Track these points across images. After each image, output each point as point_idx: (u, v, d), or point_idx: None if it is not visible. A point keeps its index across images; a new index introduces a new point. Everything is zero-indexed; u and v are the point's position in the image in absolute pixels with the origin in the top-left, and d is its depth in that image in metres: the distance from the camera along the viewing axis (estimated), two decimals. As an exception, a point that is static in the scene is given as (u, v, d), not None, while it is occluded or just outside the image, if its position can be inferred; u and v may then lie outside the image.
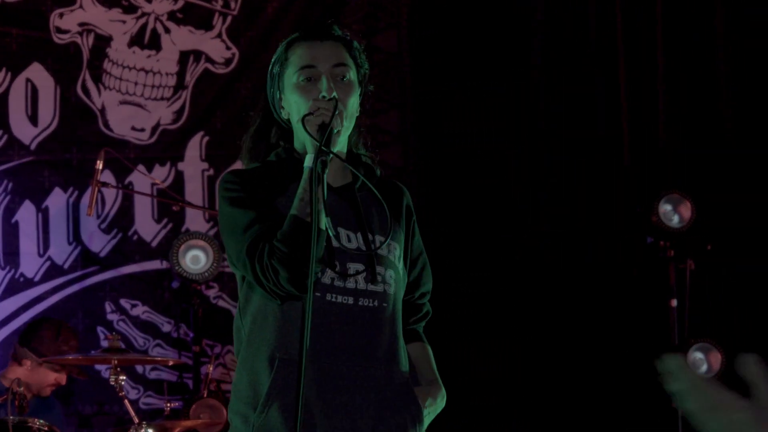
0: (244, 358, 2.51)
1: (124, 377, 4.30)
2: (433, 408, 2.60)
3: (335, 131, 2.42)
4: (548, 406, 5.62)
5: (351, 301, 2.47)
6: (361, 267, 2.47)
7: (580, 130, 5.81)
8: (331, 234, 2.43)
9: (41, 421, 4.29)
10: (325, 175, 2.39)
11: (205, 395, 5.07)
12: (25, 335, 5.05)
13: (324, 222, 2.38)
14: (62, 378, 4.97)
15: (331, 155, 2.40)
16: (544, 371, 5.68)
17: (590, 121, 5.84)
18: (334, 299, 2.45)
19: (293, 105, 2.51)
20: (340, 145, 2.52)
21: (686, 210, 5.27)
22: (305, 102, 2.47)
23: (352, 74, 2.53)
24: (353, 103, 2.51)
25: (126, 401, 4.36)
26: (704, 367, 5.20)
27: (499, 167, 5.87)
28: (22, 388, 4.21)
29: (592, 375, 5.58)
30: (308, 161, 2.40)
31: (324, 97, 2.45)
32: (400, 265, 2.56)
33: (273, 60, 2.59)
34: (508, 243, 5.78)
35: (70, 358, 4.75)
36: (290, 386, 2.39)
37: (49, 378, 4.93)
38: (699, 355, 5.20)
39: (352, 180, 2.57)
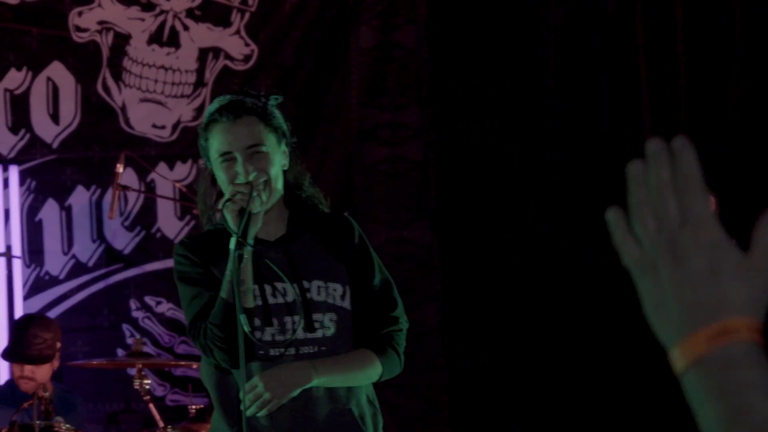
0: (215, 411, 2.80)
1: (149, 381, 4.33)
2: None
3: (255, 212, 2.64)
4: (560, 406, 5.68)
5: (293, 351, 2.67)
6: (297, 318, 2.67)
7: (603, 127, 5.84)
8: (244, 322, 2.61)
9: (68, 425, 4.33)
10: (248, 254, 2.62)
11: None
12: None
13: (250, 301, 2.62)
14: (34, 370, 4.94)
15: (249, 246, 2.62)
16: (565, 368, 5.73)
17: (611, 117, 5.87)
18: (277, 353, 2.67)
19: (220, 181, 2.77)
20: (273, 199, 2.75)
21: (709, 204, 5.31)
22: (227, 182, 2.72)
23: (268, 144, 2.73)
24: (273, 168, 2.73)
25: (151, 405, 4.39)
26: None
27: (518, 162, 5.90)
28: (47, 393, 4.25)
29: (607, 374, 5.63)
30: (232, 244, 2.61)
31: (246, 180, 2.68)
32: (346, 303, 2.72)
33: (199, 131, 2.81)
34: (527, 239, 5.82)
35: (95, 362, 4.79)
36: None
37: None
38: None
39: (287, 231, 2.78)
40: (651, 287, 1.08)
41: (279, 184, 2.75)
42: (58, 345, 4.98)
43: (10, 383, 5.05)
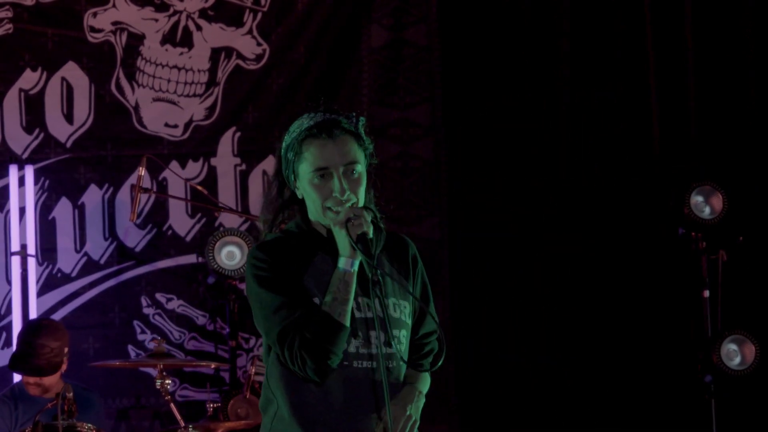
0: (279, 413, 2.79)
1: (170, 381, 4.35)
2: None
3: (369, 237, 2.74)
4: (578, 400, 5.65)
5: (375, 365, 2.77)
6: (380, 332, 2.78)
7: (608, 124, 5.83)
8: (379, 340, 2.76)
9: (89, 425, 4.36)
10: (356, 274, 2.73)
11: (247, 395, 5.13)
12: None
13: (348, 320, 2.72)
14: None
15: (375, 268, 2.75)
16: (574, 364, 5.71)
17: (617, 114, 5.85)
18: (360, 365, 2.76)
19: (308, 196, 2.81)
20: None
21: (718, 201, 5.29)
22: (320, 198, 2.78)
23: (360, 166, 2.81)
24: (363, 190, 2.83)
25: (172, 405, 4.41)
26: (738, 359, 5.21)
27: (531, 160, 5.89)
28: (71, 394, 4.27)
29: (624, 368, 5.60)
30: (342, 264, 2.73)
31: (336, 197, 2.76)
32: (410, 321, 2.87)
33: (286, 144, 2.84)
34: (537, 236, 5.81)
35: (117, 363, 4.81)
36: None
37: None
38: (733, 346, 5.22)
39: None
40: None
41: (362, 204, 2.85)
42: (66, 350, 5.01)
43: (21, 384, 5.08)
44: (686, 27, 5.79)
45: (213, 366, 5.36)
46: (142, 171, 5.10)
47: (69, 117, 5.84)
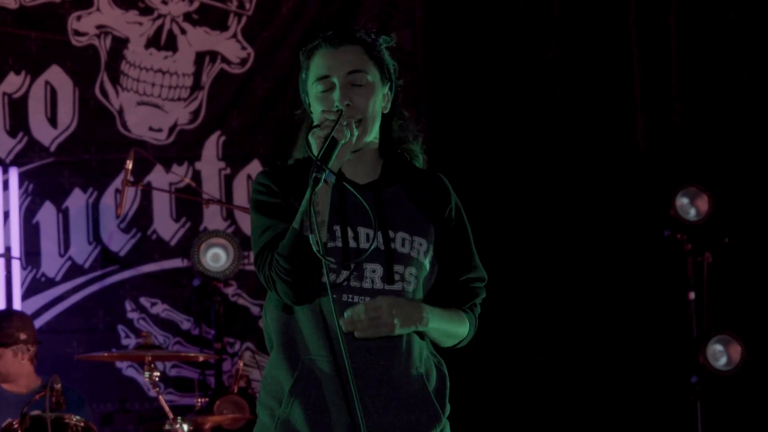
0: (273, 355, 2.59)
1: (158, 373, 4.34)
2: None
3: (342, 142, 2.44)
4: (565, 400, 5.66)
5: (367, 300, 2.47)
6: (377, 267, 2.50)
7: (598, 127, 5.85)
8: (319, 246, 2.42)
9: (77, 417, 4.35)
10: (327, 185, 2.43)
11: (235, 390, 5.13)
12: None
13: (323, 234, 2.42)
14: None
15: (327, 171, 2.41)
16: (561, 365, 5.72)
17: (607, 117, 5.88)
18: (350, 299, 2.48)
19: (315, 113, 2.55)
20: (367, 143, 2.56)
21: (703, 203, 5.32)
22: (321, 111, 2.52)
23: (370, 77, 2.54)
24: (373, 104, 2.54)
25: (160, 397, 4.41)
26: (724, 360, 5.24)
27: (515, 164, 5.91)
28: (59, 386, 4.26)
29: (611, 369, 5.62)
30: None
31: (337, 107, 2.48)
32: (426, 261, 2.58)
33: (301, 62, 2.62)
34: (524, 238, 5.82)
35: (105, 355, 4.80)
36: (311, 384, 2.50)
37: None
38: (719, 347, 5.25)
39: (379, 177, 2.59)
40: None
41: (375, 125, 2.56)
42: (22, 336, 4.89)
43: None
44: (671, 29, 5.82)
45: (201, 359, 5.34)
46: (129, 164, 5.08)
47: (53, 121, 5.83)
